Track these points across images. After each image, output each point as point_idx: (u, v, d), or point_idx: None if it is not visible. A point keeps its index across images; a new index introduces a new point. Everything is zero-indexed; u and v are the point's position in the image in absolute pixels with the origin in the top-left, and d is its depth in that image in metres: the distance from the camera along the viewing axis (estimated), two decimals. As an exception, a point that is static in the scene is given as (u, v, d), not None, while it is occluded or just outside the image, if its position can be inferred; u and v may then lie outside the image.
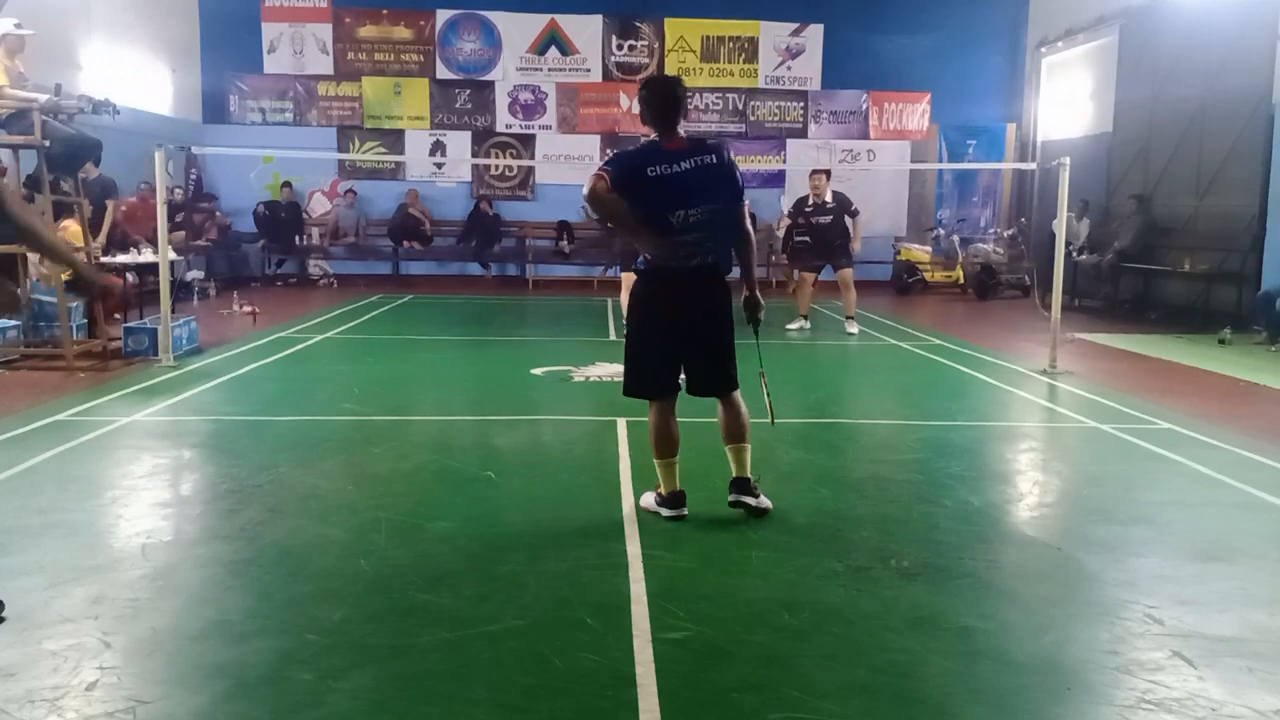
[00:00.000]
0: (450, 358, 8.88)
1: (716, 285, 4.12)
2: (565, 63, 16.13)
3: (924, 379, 8.14)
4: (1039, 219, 15.29)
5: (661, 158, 3.94)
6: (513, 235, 16.30)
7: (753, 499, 4.19)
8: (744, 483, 4.21)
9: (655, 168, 3.91)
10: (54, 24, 10.85)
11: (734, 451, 4.23)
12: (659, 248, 3.98)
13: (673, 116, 4.04)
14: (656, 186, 3.90)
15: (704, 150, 4.01)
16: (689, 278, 4.05)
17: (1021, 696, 2.76)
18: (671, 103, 4.04)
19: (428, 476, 4.94)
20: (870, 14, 16.10)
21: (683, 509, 4.20)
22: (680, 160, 3.94)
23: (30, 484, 4.59)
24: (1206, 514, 4.50)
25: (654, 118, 4.05)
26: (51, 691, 2.66)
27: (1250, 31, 11.06)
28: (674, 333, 4.12)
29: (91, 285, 4.28)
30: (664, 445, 4.17)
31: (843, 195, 10.75)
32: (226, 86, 15.79)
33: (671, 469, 4.21)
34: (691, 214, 3.93)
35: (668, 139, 4.02)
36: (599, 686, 2.75)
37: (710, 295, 4.11)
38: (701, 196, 3.95)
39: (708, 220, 3.97)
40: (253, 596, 3.34)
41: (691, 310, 4.10)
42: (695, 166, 3.94)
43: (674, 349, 4.15)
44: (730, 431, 4.23)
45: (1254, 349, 9.60)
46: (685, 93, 4.13)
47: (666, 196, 3.91)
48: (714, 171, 3.98)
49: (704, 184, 3.96)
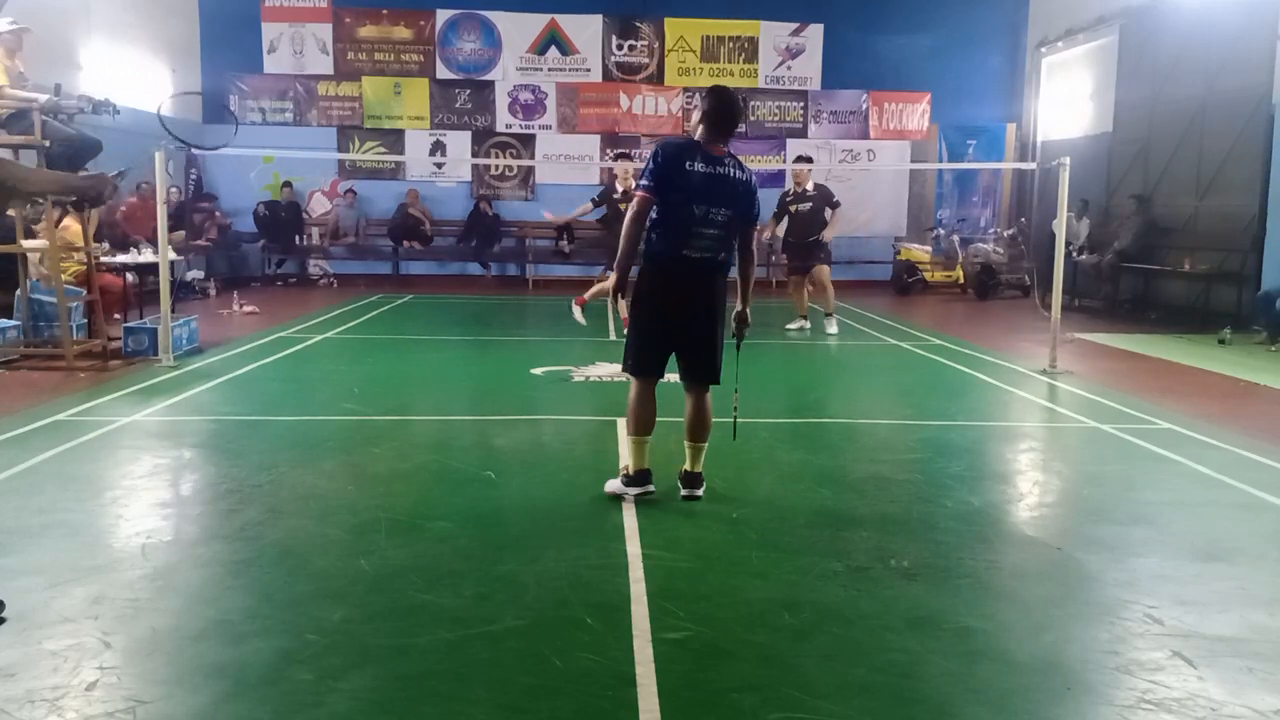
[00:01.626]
0: (450, 358, 8.88)
1: (718, 281, 4.39)
2: (565, 63, 16.13)
3: (924, 379, 8.14)
4: (1039, 219, 15.29)
5: (702, 156, 4.26)
6: (513, 235, 16.30)
7: (700, 490, 4.45)
8: (696, 477, 4.47)
9: (694, 163, 4.23)
10: (54, 24, 10.85)
11: (692, 448, 4.47)
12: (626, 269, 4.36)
13: (728, 128, 4.37)
14: (691, 179, 4.21)
15: (739, 166, 4.36)
16: (696, 269, 4.31)
17: (1021, 696, 2.76)
18: (730, 116, 4.38)
19: (428, 476, 4.94)
20: (870, 14, 16.11)
21: (649, 486, 4.42)
22: (717, 165, 4.27)
23: (30, 484, 4.59)
24: (1206, 514, 4.50)
25: (710, 125, 4.34)
26: (51, 691, 2.66)
27: (1250, 31, 11.06)
28: (673, 319, 4.36)
29: (88, 190, 4.29)
30: (641, 423, 4.40)
31: (825, 187, 10.57)
32: (226, 86, 15.79)
33: (642, 447, 4.42)
34: (713, 212, 4.24)
35: (713, 145, 4.32)
36: (599, 686, 2.76)
37: (711, 289, 4.37)
38: (725, 201, 4.26)
39: (724, 223, 4.28)
40: (253, 596, 3.35)
41: (693, 300, 4.35)
42: (727, 174, 4.28)
43: (670, 334, 4.39)
44: (693, 430, 4.45)
45: (1254, 349, 9.61)
46: (743, 112, 4.40)
47: (697, 190, 4.21)
48: (741, 185, 4.33)
49: (730, 192, 4.28)
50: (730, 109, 4.37)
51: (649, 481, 4.42)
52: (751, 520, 4.21)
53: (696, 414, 4.43)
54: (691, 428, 4.44)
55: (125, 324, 8.57)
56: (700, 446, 4.45)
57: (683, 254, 4.25)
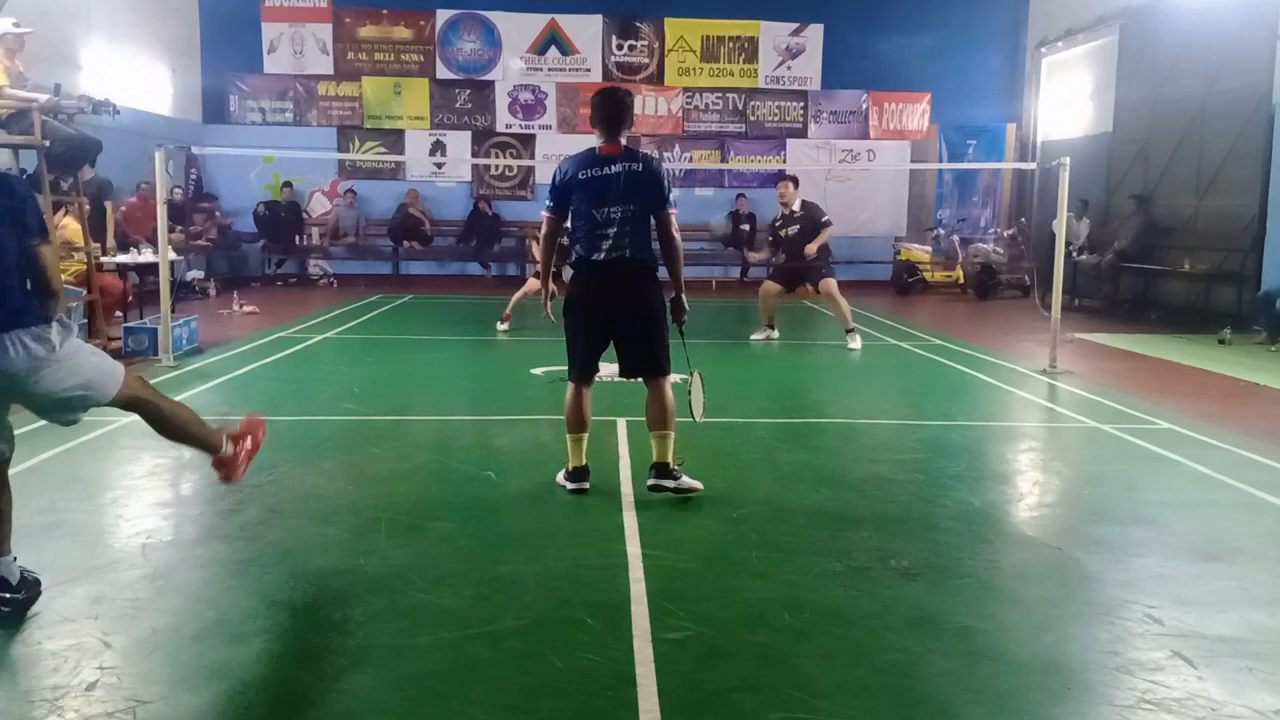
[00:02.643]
0: (450, 358, 8.87)
1: (636, 276, 4.50)
2: (565, 63, 16.14)
3: (924, 379, 8.14)
4: (1039, 219, 15.29)
5: (594, 162, 4.47)
6: (513, 235, 16.30)
7: (671, 481, 4.48)
8: (663, 467, 4.51)
9: (586, 171, 4.45)
10: (54, 24, 10.85)
11: (656, 438, 4.53)
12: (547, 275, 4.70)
13: (614, 125, 4.49)
14: (586, 188, 4.43)
15: (632, 158, 4.47)
16: (610, 269, 4.45)
17: (1021, 696, 2.76)
18: (613, 113, 4.50)
19: (428, 476, 4.94)
20: (870, 14, 16.11)
21: (583, 483, 4.58)
22: (608, 165, 4.44)
23: (30, 484, 4.58)
24: (1206, 514, 4.50)
25: (599, 126, 4.52)
26: (51, 691, 2.66)
27: (1250, 31, 11.07)
28: (598, 320, 4.53)
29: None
30: (573, 422, 4.60)
31: (813, 206, 9.86)
32: (226, 86, 15.80)
33: (578, 444, 4.59)
34: (612, 212, 4.40)
35: (608, 146, 4.49)
36: (599, 686, 2.76)
37: (634, 287, 4.49)
38: (622, 198, 4.40)
39: (629, 218, 4.42)
40: (253, 597, 3.34)
41: (616, 299, 4.49)
42: (620, 172, 4.42)
43: (596, 336, 4.56)
44: (653, 419, 4.54)
45: (1254, 349, 9.61)
46: (631, 106, 4.59)
47: (592, 196, 4.41)
48: (637, 176, 4.44)
49: (625, 187, 4.42)
50: (611, 105, 4.48)
51: (584, 479, 4.59)
52: (751, 520, 4.21)
53: (653, 405, 4.54)
54: (650, 418, 4.55)
55: (125, 324, 8.57)
56: (662, 435, 4.51)
57: (593, 258, 4.43)
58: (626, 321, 4.50)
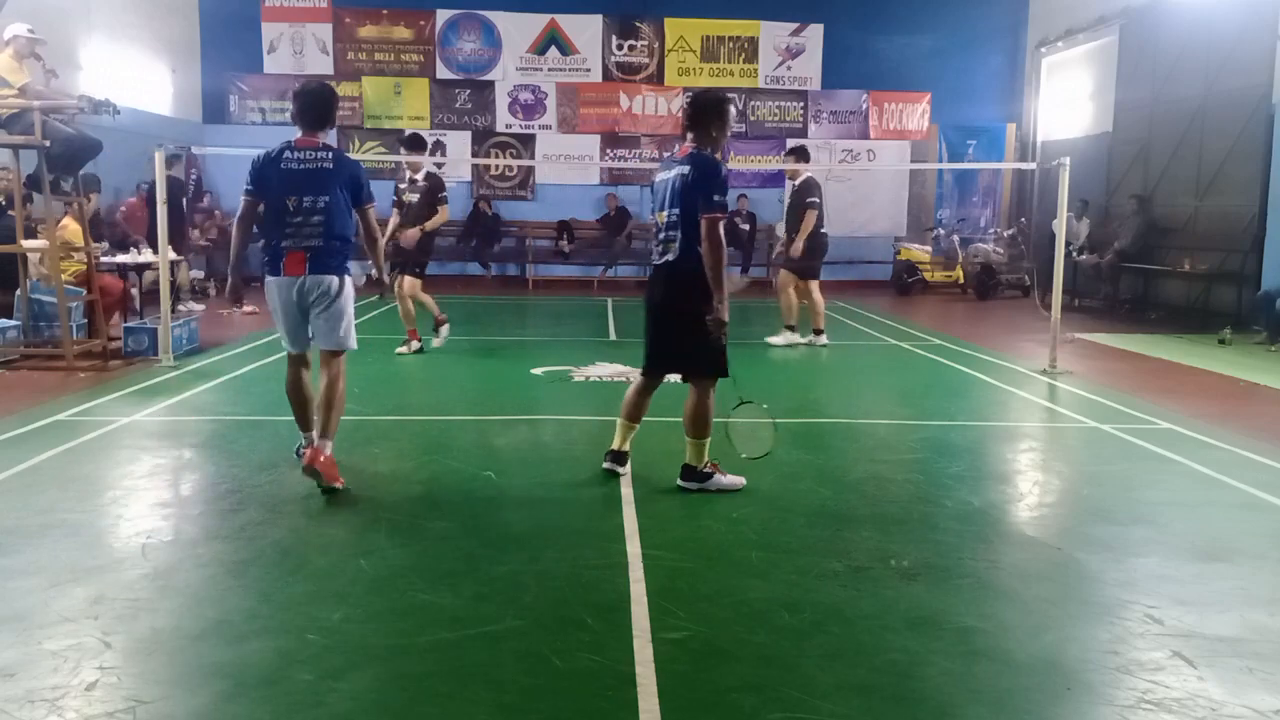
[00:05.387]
0: (450, 358, 8.87)
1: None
2: (565, 63, 16.13)
3: (924, 379, 8.14)
4: (1039, 219, 15.29)
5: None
6: (513, 235, 16.30)
7: (694, 483, 4.59)
8: (687, 470, 4.63)
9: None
10: (54, 24, 10.84)
11: (687, 442, 4.65)
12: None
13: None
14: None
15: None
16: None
17: (1021, 696, 2.76)
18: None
19: (428, 476, 4.94)
20: (870, 14, 16.11)
21: (615, 465, 4.81)
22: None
23: (30, 484, 4.59)
24: (1206, 514, 4.50)
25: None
26: (51, 691, 2.66)
27: (1250, 31, 11.07)
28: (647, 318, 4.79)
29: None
30: (623, 408, 4.87)
31: (811, 180, 9.18)
32: (226, 86, 15.79)
33: (622, 430, 4.84)
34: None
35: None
36: (599, 686, 2.75)
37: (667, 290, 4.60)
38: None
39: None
40: (253, 596, 3.34)
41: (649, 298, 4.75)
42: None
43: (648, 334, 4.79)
44: (685, 423, 4.64)
45: (1254, 349, 9.60)
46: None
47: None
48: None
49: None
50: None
51: (618, 462, 4.82)
52: (751, 520, 4.21)
53: (688, 408, 4.61)
54: (685, 420, 4.62)
55: (125, 324, 8.57)
56: (691, 440, 4.59)
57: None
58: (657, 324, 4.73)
